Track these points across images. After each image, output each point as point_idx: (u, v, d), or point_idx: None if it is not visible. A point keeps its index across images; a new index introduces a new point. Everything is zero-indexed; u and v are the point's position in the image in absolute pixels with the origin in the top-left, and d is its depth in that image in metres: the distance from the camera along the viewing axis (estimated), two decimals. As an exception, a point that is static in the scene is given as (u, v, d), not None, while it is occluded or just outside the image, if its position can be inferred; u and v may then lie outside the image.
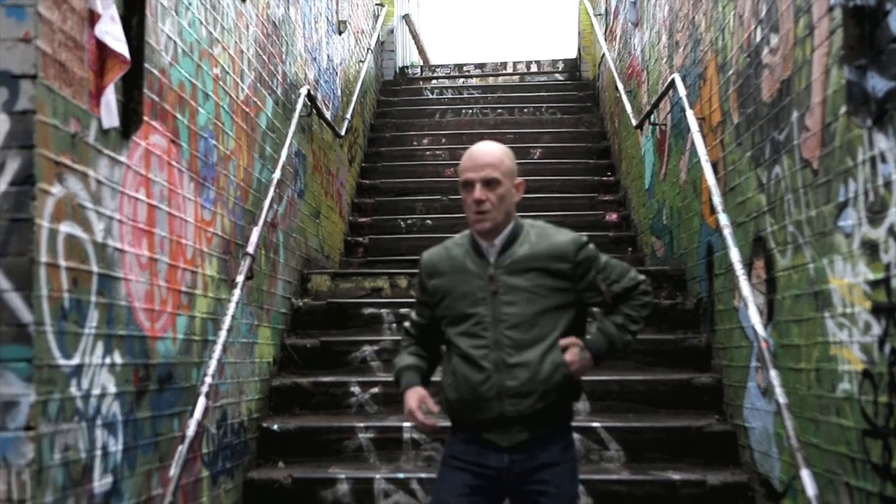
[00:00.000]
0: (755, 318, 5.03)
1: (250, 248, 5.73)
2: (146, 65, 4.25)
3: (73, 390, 3.54)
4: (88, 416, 3.68)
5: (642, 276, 3.67)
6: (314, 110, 8.10)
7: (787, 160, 4.91)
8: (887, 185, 3.61)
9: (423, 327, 3.77)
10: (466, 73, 15.45)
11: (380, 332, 7.28)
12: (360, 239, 9.97)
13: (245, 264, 5.63)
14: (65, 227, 3.49)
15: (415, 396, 3.59)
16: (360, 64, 11.84)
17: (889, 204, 3.61)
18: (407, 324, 3.87)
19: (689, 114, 6.71)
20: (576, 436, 5.86)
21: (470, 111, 13.37)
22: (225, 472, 5.47)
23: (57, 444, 3.42)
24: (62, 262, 3.46)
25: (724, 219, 5.69)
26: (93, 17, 3.77)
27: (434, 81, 15.26)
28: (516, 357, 3.44)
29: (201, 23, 5.25)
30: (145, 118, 4.28)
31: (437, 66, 16.28)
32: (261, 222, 5.93)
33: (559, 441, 3.58)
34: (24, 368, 3.22)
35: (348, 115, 10.12)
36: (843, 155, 4.09)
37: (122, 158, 4.05)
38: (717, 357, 6.49)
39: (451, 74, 15.48)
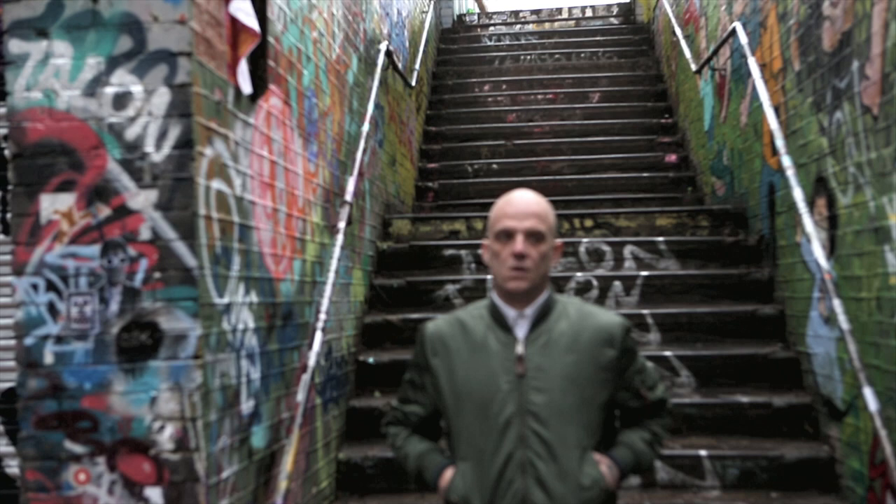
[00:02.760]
0: (818, 253, 5.45)
1: (348, 197, 6.23)
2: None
3: (225, 325, 4.08)
4: (236, 348, 4.22)
5: (667, 391, 3.15)
6: (391, 64, 8.54)
7: (847, 106, 5.30)
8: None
9: (420, 419, 3.12)
10: (522, 20, 15.72)
11: (460, 272, 7.76)
12: (430, 184, 10.42)
13: (344, 211, 6.13)
14: (215, 184, 4.00)
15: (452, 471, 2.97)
16: (424, 14, 12.24)
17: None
18: (392, 416, 3.21)
19: (751, 61, 7.06)
20: (649, 364, 6.39)
21: (528, 57, 13.69)
22: (332, 401, 6.03)
23: (216, 371, 3.96)
24: (214, 214, 3.98)
25: (787, 161, 6.08)
26: (226, -7, 4.25)
27: (491, 28, 15.55)
28: (547, 462, 2.80)
29: (302, -10, 5.72)
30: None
31: (494, 14, 16.53)
32: (355, 172, 6.43)
33: None
34: (191, 306, 3.76)
35: (416, 66, 10.56)
36: (901, 103, 4.49)
37: (251, 121, 4.55)
38: (779, 289, 6.91)
39: (508, 21, 15.76)
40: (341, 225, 6.00)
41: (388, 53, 8.28)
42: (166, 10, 3.79)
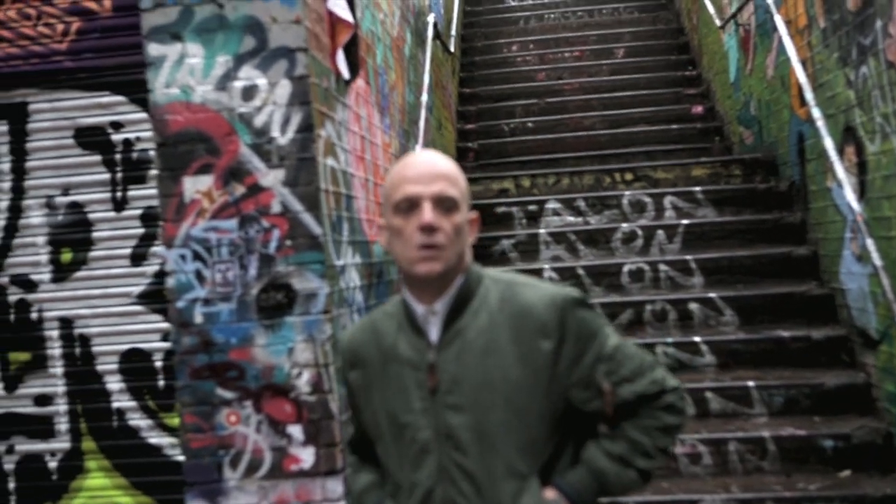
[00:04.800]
0: (850, 197, 6.01)
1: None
2: (352, 23, 5.31)
3: (342, 284, 4.69)
4: (350, 304, 4.83)
5: (674, 382, 2.41)
6: (436, 35, 9.08)
7: (872, 61, 5.83)
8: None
9: (359, 443, 2.63)
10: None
11: (512, 228, 8.32)
12: (470, 144, 10.95)
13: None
14: (329, 161, 4.60)
15: None
16: (453, -21, 12.74)
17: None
18: (348, 439, 2.73)
19: (778, 18, 7.57)
20: (694, 306, 6.98)
21: (552, 15, 14.15)
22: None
23: (339, 324, 4.57)
24: (330, 188, 4.57)
25: (817, 112, 6.61)
26: (325, -8, 4.82)
27: (514, -12, 15.99)
28: (472, 500, 2.26)
29: (371, -24, 6.27)
30: (355, 66, 5.37)
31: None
32: (420, 139, 7.01)
33: None
34: (319, 269, 4.37)
35: (453, 32, 11.09)
36: (926, 62, 5.03)
37: (348, 102, 5.13)
38: (812, 231, 7.46)
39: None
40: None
41: (434, 25, 8.81)
42: (283, 12, 4.36)
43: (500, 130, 11.16)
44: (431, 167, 2.26)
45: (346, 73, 4.94)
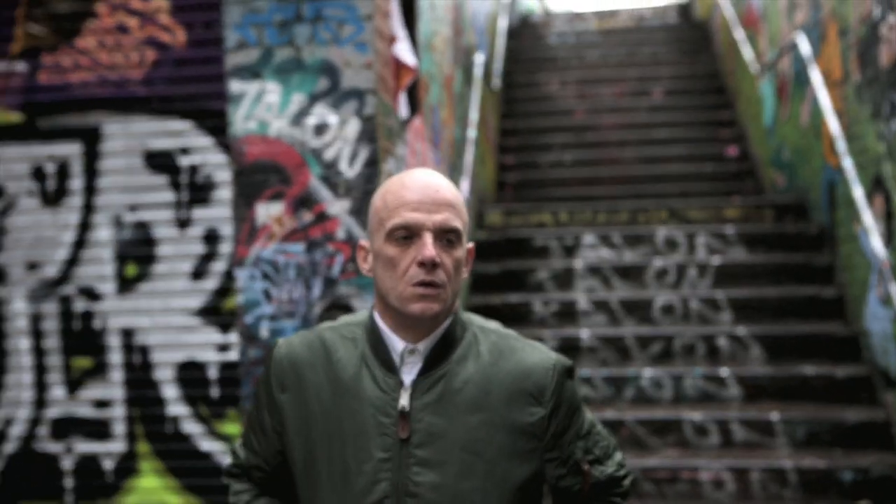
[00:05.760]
0: (877, 243, 6.33)
1: (465, 193, 7.19)
2: (411, 64, 5.70)
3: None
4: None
5: (625, 463, 2.29)
6: (484, 73, 9.47)
7: (902, 116, 6.17)
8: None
9: (263, 477, 2.26)
10: (584, 19, 16.51)
11: (549, 259, 8.66)
12: (509, 177, 11.31)
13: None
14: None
15: None
16: (496, 17, 13.13)
17: None
18: (233, 463, 2.32)
19: (814, 70, 7.91)
20: (723, 341, 7.29)
21: (592, 54, 14.50)
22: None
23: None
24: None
25: (848, 163, 6.95)
26: (392, 40, 5.20)
27: (555, 27, 16.33)
28: None
29: (430, 20, 6.65)
30: (412, 105, 5.76)
31: (556, 14, 17.34)
32: (469, 172, 7.38)
33: None
34: (378, 292, 4.73)
35: (496, 68, 11.47)
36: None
37: (406, 138, 5.51)
38: (839, 274, 7.77)
39: (571, 20, 16.54)
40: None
41: (482, 64, 9.20)
42: (356, 57, 4.76)
43: (539, 164, 11.51)
44: (435, 193, 1.99)
45: (406, 113, 5.33)
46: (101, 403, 5.47)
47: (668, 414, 6.69)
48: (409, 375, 2.04)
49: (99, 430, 5.49)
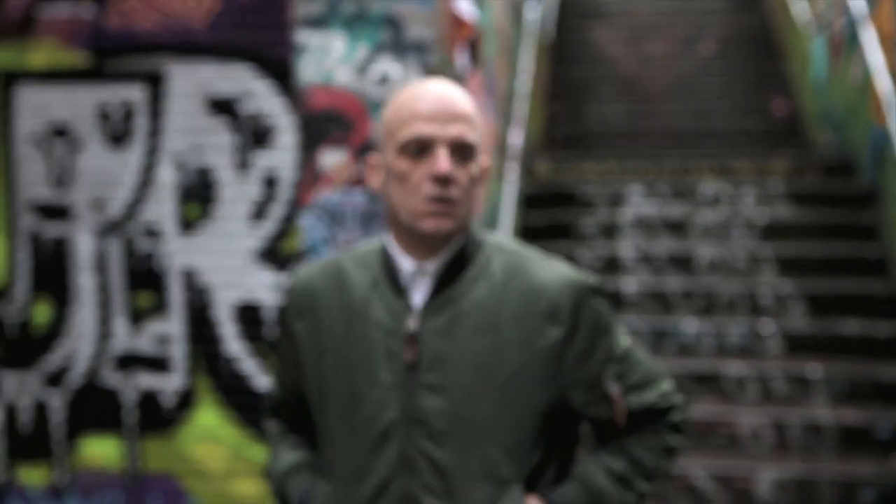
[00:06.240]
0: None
1: (515, 145, 7.33)
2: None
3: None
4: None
5: (680, 398, 2.14)
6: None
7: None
8: None
9: (288, 408, 2.27)
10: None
11: (596, 211, 8.79)
12: (557, 127, 11.39)
13: (514, 160, 7.24)
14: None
15: None
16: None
17: None
18: (267, 402, 2.37)
19: (867, 29, 7.93)
20: (766, 296, 7.40)
21: (642, 6, 14.37)
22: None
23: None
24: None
25: (894, 123, 7.00)
26: (453, -7, 5.34)
27: (605, -24, 16.25)
28: (440, 499, 1.92)
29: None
30: (472, 58, 5.90)
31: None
32: (523, 123, 7.51)
33: None
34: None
35: (547, 18, 11.50)
36: None
37: (466, 87, 5.64)
38: (884, 234, 7.85)
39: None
40: (512, 174, 7.11)
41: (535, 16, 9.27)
42: (419, 10, 4.90)
43: (587, 114, 11.59)
44: (450, 104, 1.91)
45: (466, 66, 5.46)
46: (162, 339, 5.68)
47: (709, 366, 6.84)
48: (418, 297, 1.98)
49: (160, 365, 5.72)
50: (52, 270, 5.79)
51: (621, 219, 8.42)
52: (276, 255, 5.48)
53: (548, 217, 8.63)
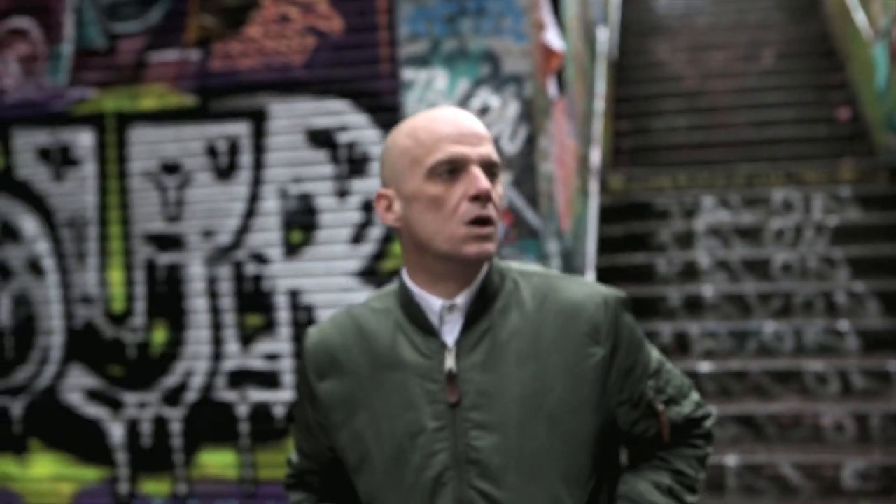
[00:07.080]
0: None
1: (595, 163, 7.71)
2: (555, 46, 6.22)
3: (551, 267, 5.59)
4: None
5: (708, 406, 2.08)
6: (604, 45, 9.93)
7: None
8: None
9: (320, 480, 2.14)
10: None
11: (670, 221, 9.14)
12: (624, 142, 11.68)
13: (595, 176, 7.62)
14: (543, 166, 5.52)
15: None
16: (608, -13, 13.49)
17: None
18: (289, 473, 2.22)
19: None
20: (840, 296, 7.69)
21: (701, 20, 14.64)
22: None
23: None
24: (544, 187, 5.50)
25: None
26: (542, 26, 5.72)
27: (663, -8, 16.51)
28: None
29: (569, 3, 7.14)
30: (557, 83, 6.30)
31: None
32: (599, 142, 7.89)
33: None
34: (536, 254, 5.29)
35: (612, 38, 11.87)
36: None
37: (553, 114, 6.03)
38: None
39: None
40: (594, 187, 7.49)
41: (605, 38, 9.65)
42: (515, 45, 5.33)
43: (653, 130, 11.85)
44: (473, 126, 1.83)
45: (554, 93, 5.86)
46: (271, 356, 6.09)
47: (789, 364, 7.15)
48: (450, 335, 1.87)
49: (270, 380, 6.12)
50: (167, 296, 6.23)
51: (696, 228, 8.73)
52: (375, 274, 5.87)
53: (623, 229, 8.97)
